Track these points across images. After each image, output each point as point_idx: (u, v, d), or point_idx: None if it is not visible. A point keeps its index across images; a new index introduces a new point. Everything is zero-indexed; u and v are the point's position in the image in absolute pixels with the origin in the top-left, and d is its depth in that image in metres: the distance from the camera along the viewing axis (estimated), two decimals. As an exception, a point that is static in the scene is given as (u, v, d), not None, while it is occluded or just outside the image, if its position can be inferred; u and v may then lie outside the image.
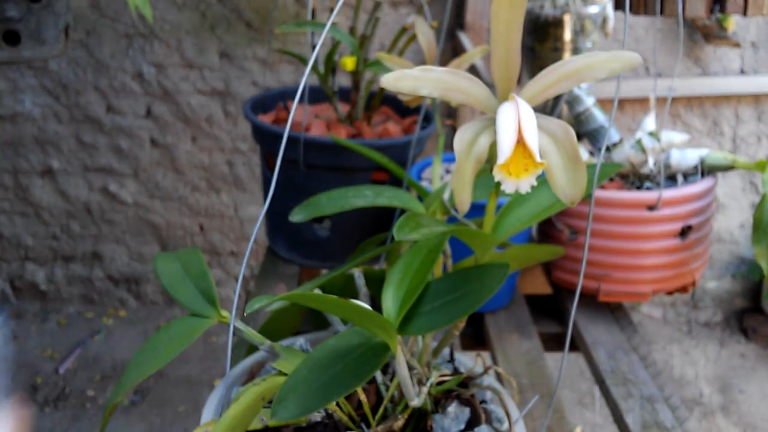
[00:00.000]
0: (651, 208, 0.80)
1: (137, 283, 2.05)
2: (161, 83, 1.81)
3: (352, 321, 0.49)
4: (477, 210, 0.52)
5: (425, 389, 0.50)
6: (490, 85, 0.44)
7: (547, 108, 0.97)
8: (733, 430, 1.68)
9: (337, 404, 0.50)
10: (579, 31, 0.93)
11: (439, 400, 0.53)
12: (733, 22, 1.72)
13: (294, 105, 0.44)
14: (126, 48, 1.79)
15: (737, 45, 1.74)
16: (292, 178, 0.90)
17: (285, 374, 0.47)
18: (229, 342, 0.45)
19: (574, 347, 0.87)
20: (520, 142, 0.40)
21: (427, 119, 0.97)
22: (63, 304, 2.06)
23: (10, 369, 1.77)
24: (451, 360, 0.59)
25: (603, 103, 0.98)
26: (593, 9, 0.93)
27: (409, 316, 0.46)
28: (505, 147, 0.40)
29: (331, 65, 0.93)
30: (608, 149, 0.89)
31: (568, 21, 0.93)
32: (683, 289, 0.87)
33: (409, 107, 0.86)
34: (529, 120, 0.40)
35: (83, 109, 1.84)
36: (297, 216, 0.62)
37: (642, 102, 1.83)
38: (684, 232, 0.83)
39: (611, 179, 0.90)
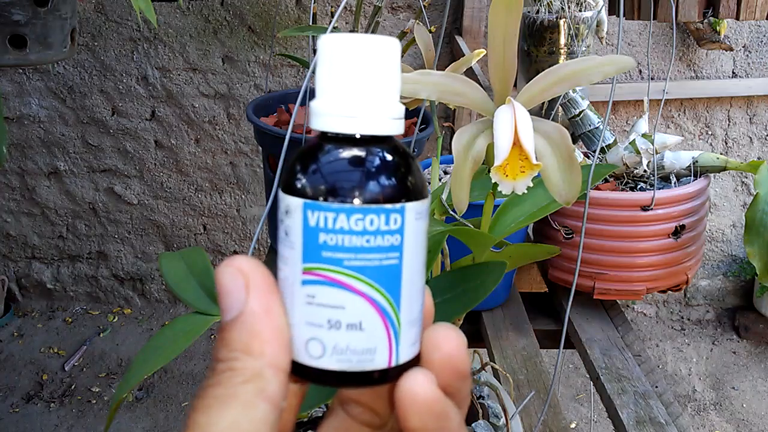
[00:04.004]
0: (644, 208, 0.81)
1: (142, 282, 2.06)
2: (165, 86, 1.82)
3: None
4: (475, 210, 0.52)
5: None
6: (488, 89, 0.44)
7: (542, 110, 0.97)
8: (726, 427, 1.69)
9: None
10: (574, 36, 0.94)
11: (438, 394, 0.54)
12: (726, 26, 1.73)
13: (296, 107, 0.44)
14: (131, 52, 1.80)
15: (730, 48, 1.76)
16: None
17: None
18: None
19: (569, 344, 0.88)
20: (517, 144, 0.40)
21: (426, 121, 0.98)
22: (69, 302, 2.07)
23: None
24: (450, 356, 0.59)
25: (597, 106, 0.99)
26: (588, 14, 0.94)
27: (409, 313, 0.46)
28: (502, 149, 0.40)
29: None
30: (602, 151, 0.90)
31: (563, 25, 0.94)
32: (676, 288, 0.87)
33: (408, 109, 0.86)
34: (526, 122, 0.41)
35: (89, 111, 1.85)
36: (299, 216, 0.61)
37: (636, 104, 1.85)
38: (677, 232, 0.83)
39: (605, 180, 0.90)
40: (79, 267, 2.05)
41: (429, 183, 0.87)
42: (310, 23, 0.98)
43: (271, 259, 0.98)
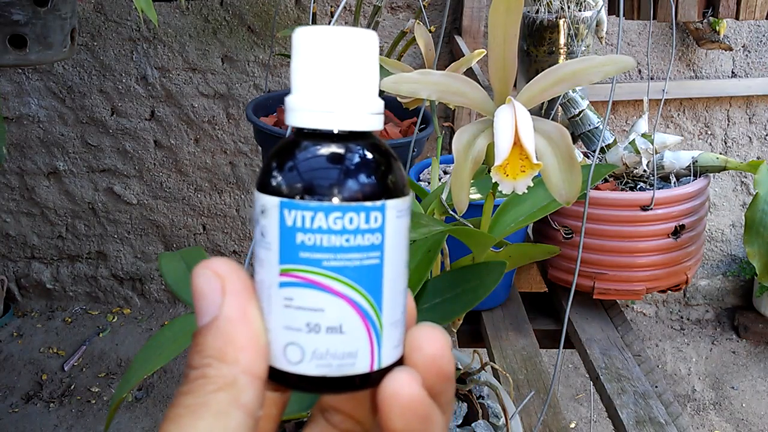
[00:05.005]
0: (644, 208, 0.81)
1: (141, 282, 2.06)
2: (165, 86, 1.82)
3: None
4: (475, 210, 0.52)
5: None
6: (488, 88, 0.44)
7: (542, 110, 0.98)
8: (726, 426, 1.69)
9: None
10: (573, 35, 0.94)
11: (438, 394, 0.54)
12: (725, 26, 1.73)
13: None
14: (130, 51, 1.80)
15: (729, 48, 1.76)
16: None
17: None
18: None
19: (569, 344, 0.88)
20: (517, 143, 0.40)
21: (426, 121, 0.98)
22: (68, 302, 2.07)
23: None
24: (449, 356, 0.59)
25: (597, 106, 0.99)
26: (587, 13, 0.94)
27: (408, 313, 0.46)
28: (503, 148, 0.40)
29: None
30: (602, 150, 0.90)
31: (562, 25, 0.94)
32: (676, 288, 0.87)
33: (408, 109, 0.86)
34: (526, 122, 0.41)
35: (88, 111, 1.85)
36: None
37: (635, 104, 1.85)
38: (677, 232, 0.83)
39: (605, 180, 0.90)
40: (78, 267, 2.05)
41: (429, 183, 0.87)
42: (310, 23, 0.98)
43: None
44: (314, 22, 0.97)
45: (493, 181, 0.41)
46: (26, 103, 1.84)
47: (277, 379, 0.21)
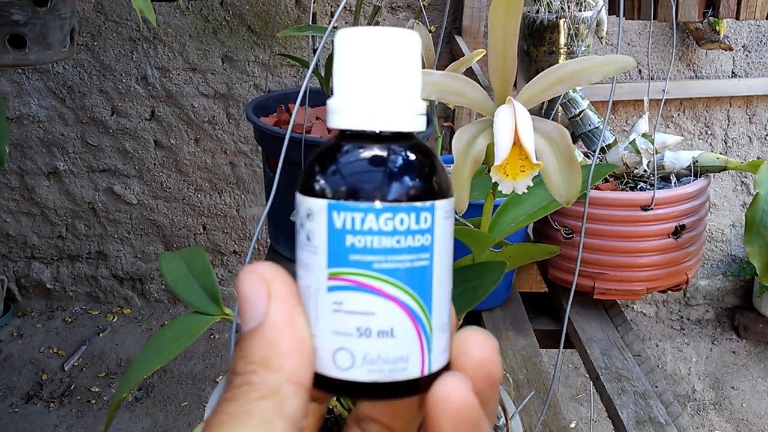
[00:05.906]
0: (645, 208, 0.81)
1: (141, 282, 2.06)
2: (165, 86, 1.82)
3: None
4: (475, 210, 0.52)
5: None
6: (487, 88, 0.45)
7: (542, 110, 0.97)
8: (726, 426, 1.69)
9: (338, 399, 0.50)
10: (574, 35, 0.94)
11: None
12: (725, 26, 1.73)
13: (295, 107, 0.44)
14: (130, 51, 1.80)
15: (729, 48, 1.76)
16: (294, 179, 0.90)
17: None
18: (232, 339, 0.45)
19: (569, 344, 0.88)
20: (517, 143, 0.40)
21: (426, 121, 0.98)
22: (68, 302, 2.07)
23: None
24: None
25: (597, 105, 0.99)
26: (588, 13, 0.94)
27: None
28: (502, 148, 0.40)
29: (331, 68, 0.93)
30: (602, 150, 0.90)
31: (563, 25, 0.94)
32: (676, 288, 0.87)
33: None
34: (526, 122, 0.40)
35: (88, 111, 1.85)
36: (299, 216, 0.61)
37: (635, 104, 1.85)
38: (677, 232, 0.83)
39: (606, 180, 0.90)
40: (78, 267, 2.05)
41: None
42: (310, 23, 0.98)
43: (270, 258, 0.98)
44: (314, 22, 0.97)
45: (493, 181, 0.41)
46: (26, 103, 1.84)
47: (325, 386, 0.21)
